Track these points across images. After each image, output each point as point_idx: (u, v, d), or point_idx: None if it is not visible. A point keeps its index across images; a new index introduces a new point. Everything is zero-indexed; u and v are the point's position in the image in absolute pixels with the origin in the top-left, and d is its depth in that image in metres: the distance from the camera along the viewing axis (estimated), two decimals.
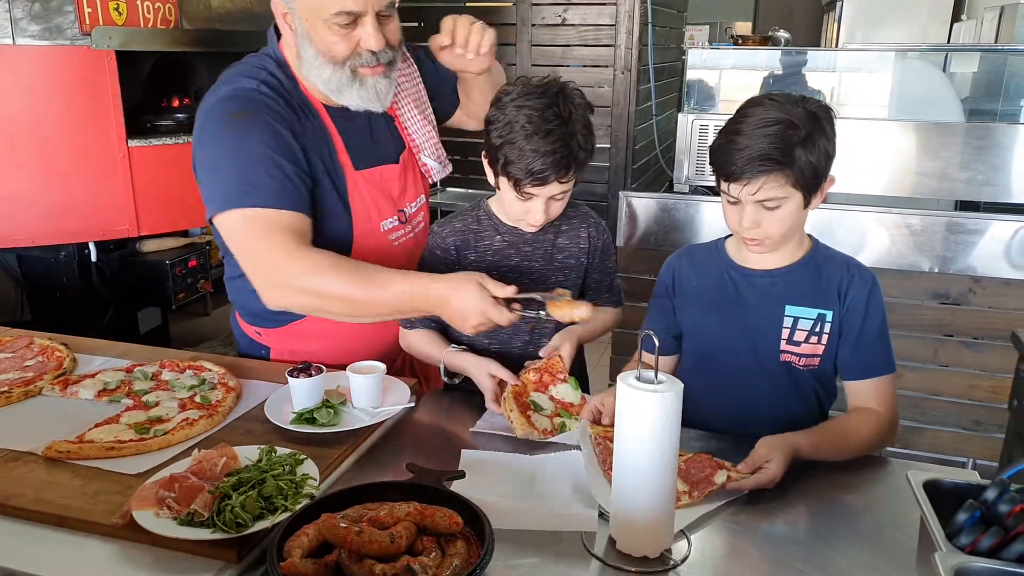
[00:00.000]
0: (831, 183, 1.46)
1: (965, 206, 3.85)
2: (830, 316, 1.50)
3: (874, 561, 1.14)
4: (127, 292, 3.16)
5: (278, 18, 1.60)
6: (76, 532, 1.15)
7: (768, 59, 4.67)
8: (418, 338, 1.75)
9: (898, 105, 4.10)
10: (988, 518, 1.04)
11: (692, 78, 4.43)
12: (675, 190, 4.31)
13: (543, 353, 1.64)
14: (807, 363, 1.52)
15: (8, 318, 3.10)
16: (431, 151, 1.85)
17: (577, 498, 1.27)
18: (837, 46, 6.55)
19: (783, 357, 1.53)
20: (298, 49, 1.57)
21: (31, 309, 3.26)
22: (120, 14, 2.75)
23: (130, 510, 1.12)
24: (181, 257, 3.19)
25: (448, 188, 4.77)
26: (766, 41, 7.15)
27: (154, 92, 3.32)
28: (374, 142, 1.74)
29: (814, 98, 1.44)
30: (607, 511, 1.19)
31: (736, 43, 7.76)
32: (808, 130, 1.38)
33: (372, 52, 1.54)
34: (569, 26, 4.39)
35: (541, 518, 1.20)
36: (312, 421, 1.44)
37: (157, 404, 1.52)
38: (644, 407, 1.07)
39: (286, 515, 1.10)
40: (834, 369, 1.55)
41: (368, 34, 1.52)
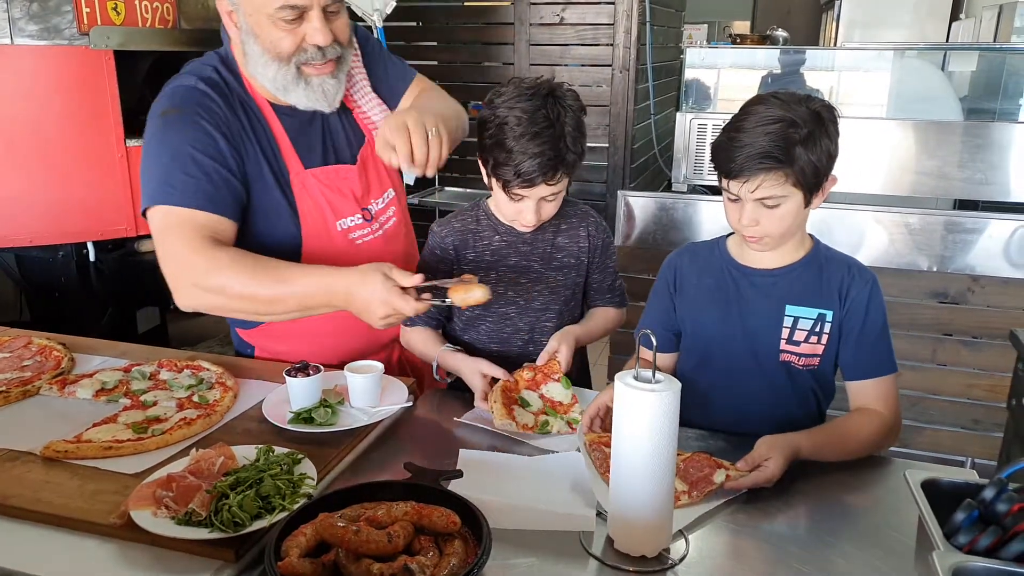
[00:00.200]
0: (833, 183, 1.45)
1: (964, 205, 3.85)
2: (830, 316, 1.50)
3: (872, 560, 1.14)
4: (125, 292, 3.16)
5: (223, 17, 1.56)
6: (74, 532, 1.15)
7: (766, 58, 4.67)
8: (417, 336, 1.74)
9: (897, 104, 4.10)
10: (986, 517, 1.05)
11: (690, 77, 4.43)
12: (673, 189, 4.31)
13: (540, 359, 1.64)
14: (806, 363, 1.52)
15: (6, 318, 3.10)
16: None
17: (575, 498, 1.26)
18: (836, 45, 6.55)
19: (783, 357, 1.53)
20: (244, 47, 1.54)
21: (29, 309, 3.26)
22: (118, 14, 2.75)
23: (128, 510, 1.12)
24: None
25: (447, 188, 4.77)
26: (764, 40, 7.15)
27: (152, 92, 3.28)
28: (328, 140, 1.69)
29: (819, 97, 1.44)
30: (605, 511, 1.19)
31: (734, 42, 7.77)
32: (810, 129, 1.37)
33: (319, 48, 1.51)
34: (567, 25, 4.39)
35: (539, 518, 1.20)
36: (310, 421, 1.44)
37: (155, 404, 1.52)
38: (642, 407, 1.07)
39: (284, 514, 1.10)
40: (833, 369, 1.55)
41: (314, 28, 1.49)
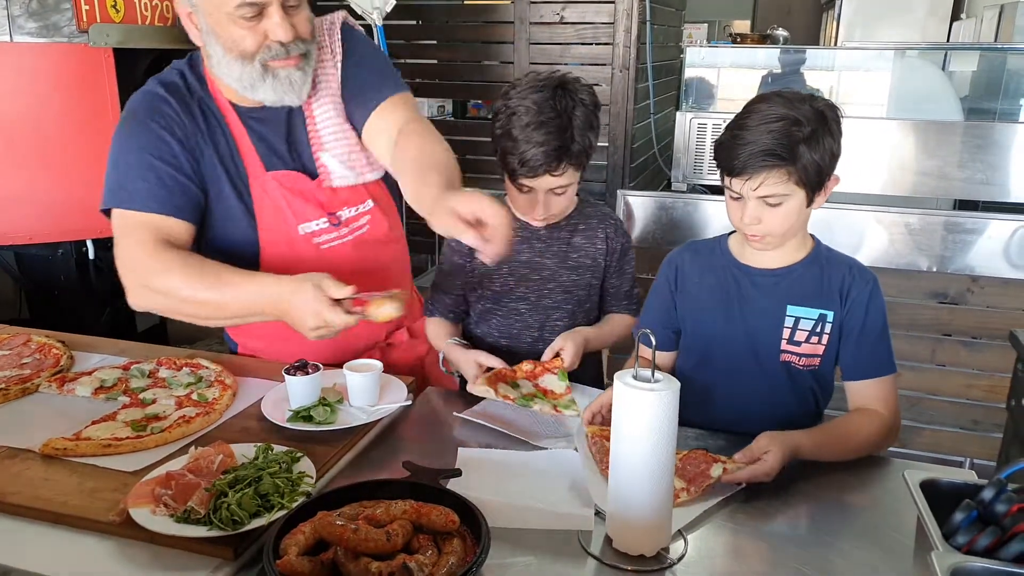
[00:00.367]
0: (835, 182, 1.45)
1: (964, 205, 3.85)
2: (831, 317, 1.50)
3: (871, 560, 1.14)
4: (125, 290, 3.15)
5: (183, 20, 1.54)
6: (73, 529, 1.15)
7: (767, 57, 4.67)
8: (431, 328, 1.77)
9: (897, 104, 4.10)
10: (985, 518, 1.05)
11: (690, 76, 4.43)
12: (673, 189, 4.31)
13: (545, 355, 1.64)
14: (807, 363, 1.52)
15: (6, 316, 3.10)
16: (338, 151, 1.67)
17: (574, 497, 1.26)
18: (836, 44, 6.55)
19: (783, 357, 1.52)
20: (206, 48, 1.53)
21: (29, 306, 3.26)
22: (117, 11, 2.75)
23: (127, 507, 1.12)
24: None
25: None
26: (765, 39, 7.15)
27: None
28: (293, 145, 1.65)
29: (822, 97, 1.44)
30: (603, 510, 1.19)
31: (735, 41, 7.76)
32: (813, 127, 1.37)
33: (281, 44, 1.49)
34: (567, 24, 4.38)
35: (538, 517, 1.19)
36: (309, 419, 1.44)
37: (154, 402, 1.52)
38: (641, 406, 1.07)
39: (282, 513, 1.10)
40: (833, 369, 1.55)
41: (275, 24, 1.46)
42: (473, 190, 1.32)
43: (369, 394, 1.52)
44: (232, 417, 1.50)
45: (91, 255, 3.00)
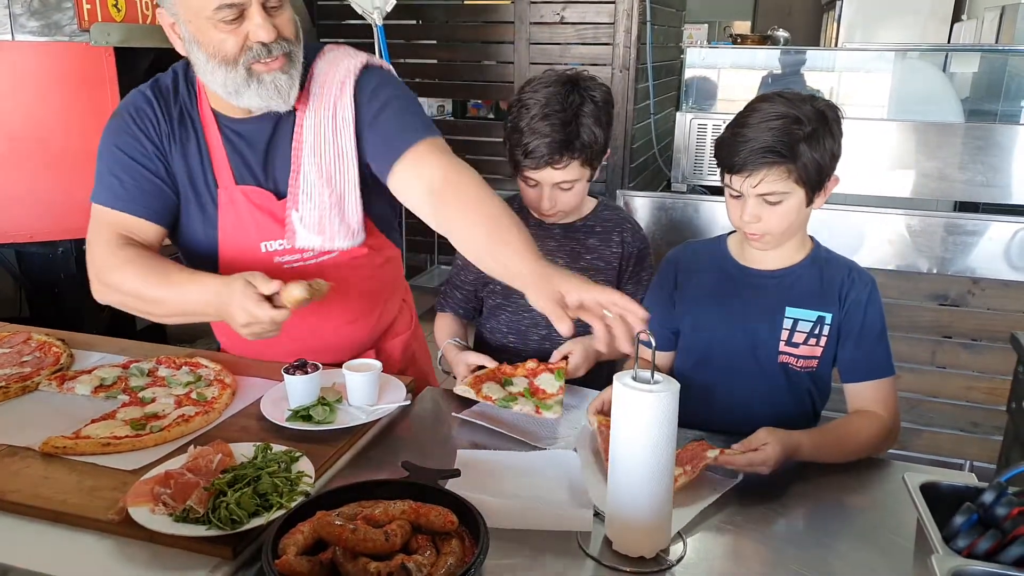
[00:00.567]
0: (835, 183, 1.46)
1: (964, 207, 3.85)
2: (829, 318, 1.50)
3: (871, 563, 1.13)
4: None
5: (167, 31, 1.52)
6: (72, 527, 1.15)
7: (767, 58, 4.68)
8: (438, 323, 1.79)
9: (897, 105, 4.10)
10: (985, 521, 1.04)
11: (690, 77, 4.43)
12: (673, 189, 4.32)
13: (553, 357, 1.64)
14: (805, 365, 1.52)
15: (6, 314, 3.11)
16: (308, 207, 1.56)
17: (572, 498, 1.26)
18: (836, 45, 6.56)
19: (781, 358, 1.52)
20: (191, 56, 1.51)
21: (29, 305, 3.26)
22: (119, 10, 2.75)
23: (126, 506, 1.12)
24: (178, 254, 3.18)
25: None
26: (765, 40, 7.15)
27: None
28: (270, 164, 1.60)
29: (823, 97, 1.45)
30: (602, 511, 1.19)
31: (735, 42, 7.76)
32: (814, 127, 1.38)
33: (264, 45, 1.46)
34: (567, 24, 4.38)
35: (536, 517, 1.19)
36: (308, 418, 1.44)
37: (153, 400, 1.52)
38: (640, 407, 1.07)
39: (281, 512, 1.10)
40: (830, 371, 1.55)
41: (256, 25, 1.43)
42: (575, 274, 1.27)
43: (368, 394, 1.52)
44: (231, 416, 1.50)
45: None
